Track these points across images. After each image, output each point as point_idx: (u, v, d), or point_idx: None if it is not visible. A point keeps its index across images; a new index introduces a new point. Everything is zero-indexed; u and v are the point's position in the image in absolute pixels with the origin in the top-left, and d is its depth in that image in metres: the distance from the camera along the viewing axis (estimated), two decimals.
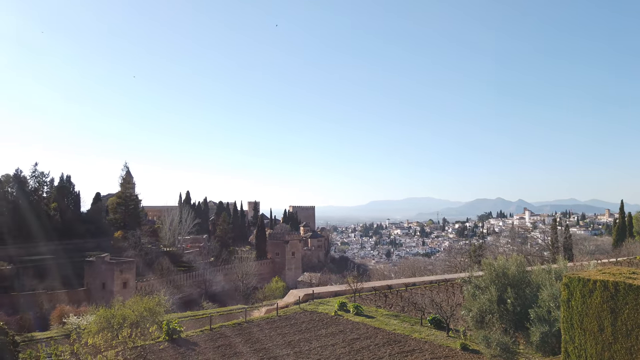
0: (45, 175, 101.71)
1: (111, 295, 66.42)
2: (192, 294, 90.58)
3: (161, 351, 26.30)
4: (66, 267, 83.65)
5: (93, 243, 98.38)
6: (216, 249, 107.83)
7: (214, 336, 30.01)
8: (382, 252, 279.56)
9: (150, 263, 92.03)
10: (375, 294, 43.21)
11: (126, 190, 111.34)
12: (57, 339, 40.65)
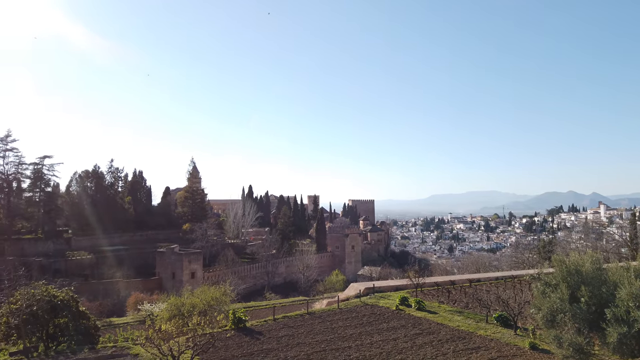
0: (120, 171, 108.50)
1: (180, 285, 69.84)
2: (256, 284, 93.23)
3: (228, 339, 27.34)
4: (139, 257, 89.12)
5: (163, 235, 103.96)
6: (277, 242, 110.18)
7: (277, 326, 30.77)
8: (444, 247, 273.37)
9: (215, 254, 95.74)
10: (437, 290, 42.39)
11: (193, 185, 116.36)
12: (132, 325, 43.43)
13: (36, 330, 28.71)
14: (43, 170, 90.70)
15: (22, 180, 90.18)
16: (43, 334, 28.66)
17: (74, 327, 29.38)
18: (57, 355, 25.08)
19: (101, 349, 26.26)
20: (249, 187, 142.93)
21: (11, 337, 29.16)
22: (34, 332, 28.79)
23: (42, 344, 27.84)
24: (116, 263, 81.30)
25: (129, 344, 27.46)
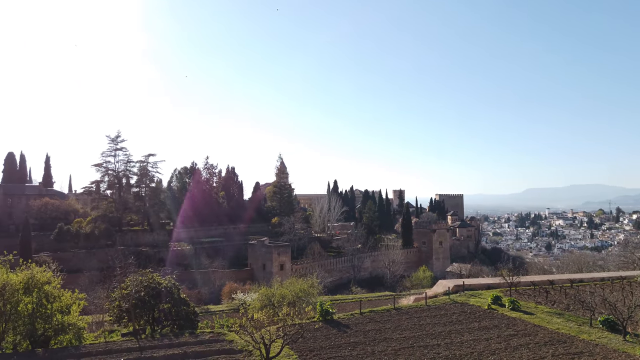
0: (214, 167, 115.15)
1: (270, 276, 72.62)
2: (342, 278, 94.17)
3: (316, 330, 27.95)
4: (233, 248, 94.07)
5: (254, 228, 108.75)
6: (363, 236, 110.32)
7: (364, 320, 30.87)
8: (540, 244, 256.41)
9: (303, 247, 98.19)
10: (534, 289, 39.91)
11: (281, 180, 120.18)
12: (227, 312, 45.97)
13: (144, 314, 31.46)
14: (148, 167, 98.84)
15: (131, 177, 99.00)
16: (150, 318, 31.32)
17: (176, 313, 31.78)
18: (162, 338, 27.26)
19: (200, 334, 28.09)
20: (334, 182, 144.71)
21: (122, 319, 32.22)
22: (142, 316, 31.56)
23: (148, 327, 30.46)
24: (212, 254, 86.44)
25: (224, 330, 29.10)
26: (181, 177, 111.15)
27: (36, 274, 27.91)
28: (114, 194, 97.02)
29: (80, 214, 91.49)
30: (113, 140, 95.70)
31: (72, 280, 45.20)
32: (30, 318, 26.86)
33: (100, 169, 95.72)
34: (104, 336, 30.38)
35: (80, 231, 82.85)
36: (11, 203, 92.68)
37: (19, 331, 26.96)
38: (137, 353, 24.34)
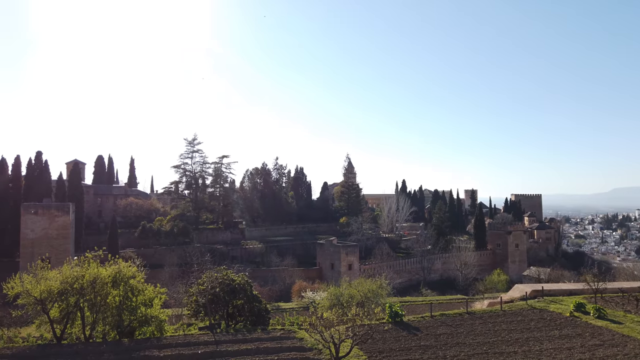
0: (284, 168, 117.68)
1: (339, 275, 72.93)
2: (411, 280, 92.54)
3: (385, 332, 27.72)
4: (301, 247, 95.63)
5: (322, 227, 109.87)
6: (433, 237, 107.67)
7: (434, 323, 30.18)
8: (630, 248, 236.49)
9: (371, 248, 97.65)
10: (622, 297, 36.92)
11: (348, 180, 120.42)
12: (297, 310, 46.80)
13: (219, 309, 32.89)
14: (222, 168, 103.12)
15: (206, 178, 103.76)
16: (224, 313, 32.70)
17: (249, 309, 32.92)
18: (235, 333, 28.31)
19: (271, 331, 28.86)
20: (402, 182, 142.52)
21: (199, 313, 33.89)
22: (217, 311, 33.01)
23: (223, 321, 31.78)
24: (282, 252, 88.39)
25: (294, 328, 29.69)
26: (252, 178, 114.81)
27: (123, 269, 30.05)
28: (191, 193, 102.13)
29: (160, 213, 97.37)
30: (190, 143, 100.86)
31: (153, 275, 48.16)
32: (118, 310, 28.95)
33: (179, 170, 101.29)
34: (183, 329, 32.08)
35: (161, 229, 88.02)
36: (100, 202, 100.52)
37: (107, 322, 29.15)
38: (213, 346, 25.47)
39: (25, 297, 28.13)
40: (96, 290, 28.65)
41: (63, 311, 28.85)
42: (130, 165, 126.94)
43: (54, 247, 63.90)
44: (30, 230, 64.01)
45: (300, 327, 28.90)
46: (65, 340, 28.51)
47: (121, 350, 25.35)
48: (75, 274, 28.86)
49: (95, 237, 78.81)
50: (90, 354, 24.78)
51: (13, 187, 75.71)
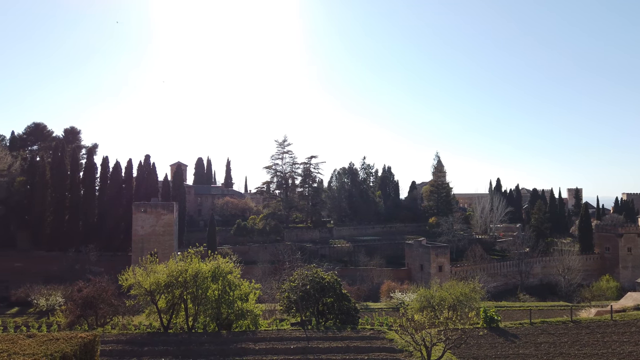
0: (371, 167, 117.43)
1: (428, 277, 71.22)
2: (507, 284, 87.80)
3: (480, 337, 26.62)
4: (389, 247, 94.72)
5: (410, 227, 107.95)
6: (531, 239, 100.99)
7: (534, 331, 28.39)
8: None
9: (462, 249, 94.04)
10: None
11: (438, 179, 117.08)
12: (386, 311, 46.54)
13: (309, 306, 33.66)
14: (310, 168, 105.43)
15: (295, 178, 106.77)
16: (315, 310, 33.40)
17: (338, 307, 33.32)
18: (326, 330, 28.83)
19: (361, 330, 28.99)
20: (496, 180, 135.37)
21: (291, 310, 34.93)
22: (308, 308, 33.81)
23: (314, 318, 32.50)
24: (370, 252, 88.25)
25: (384, 328, 29.55)
26: (340, 177, 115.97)
27: (221, 264, 31.95)
28: (282, 193, 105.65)
29: (254, 212, 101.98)
30: (280, 144, 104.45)
31: (248, 271, 50.58)
32: (217, 303, 30.83)
33: (270, 171, 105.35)
34: (275, 324, 33.31)
35: (254, 227, 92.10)
36: (200, 202, 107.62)
37: (208, 314, 31.16)
38: (305, 342, 26.17)
39: (137, 289, 30.99)
40: (198, 284, 30.75)
41: (169, 302, 31.35)
42: (227, 166, 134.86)
43: (160, 242, 69.52)
44: (140, 227, 70.24)
45: (390, 328, 28.71)
46: (171, 329, 30.95)
47: (220, 341, 26.94)
48: (179, 268, 31.22)
49: (195, 234, 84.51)
50: (193, 343, 26.64)
51: (126, 188, 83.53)
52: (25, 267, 67.75)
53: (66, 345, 13.08)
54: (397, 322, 23.73)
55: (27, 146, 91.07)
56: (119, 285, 33.72)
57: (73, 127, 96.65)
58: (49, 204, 76.91)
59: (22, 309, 53.10)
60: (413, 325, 22.48)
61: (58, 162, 78.97)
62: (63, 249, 72.14)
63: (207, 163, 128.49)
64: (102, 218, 79.48)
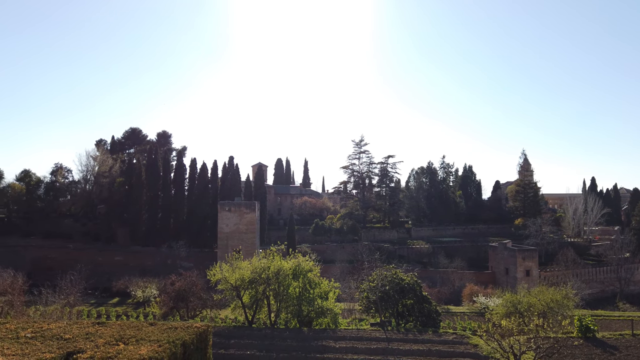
0: (450, 166, 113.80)
1: (514, 281, 67.70)
2: (604, 291, 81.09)
3: (574, 348, 24.87)
4: (471, 249, 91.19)
5: (494, 229, 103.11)
6: (632, 243, 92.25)
7: (637, 343, 25.99)
8: None
9: (552, 253, 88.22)
10: None
11: (524, 178, 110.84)
12: (468, 315, 44.90)
13: (389, 307, 33.41)
14: (388, 168, 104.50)
15: (372, 178, 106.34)
16: (394, 311, 33.10)
17: (419, 309, 32.75)
18: (406, 332, 28.47)
19: (443, 334, 28.27)
20: (590, 180, 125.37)
21: (370, 310, 34.89)
22: (387, 309, 33.57)
23: (393, 319, 32.22)
24: (450, 254, 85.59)
25: (467, 333, 28.57)
26: (418, 177, 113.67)
27: (302, 263, 32.72)
28: (359, 193, 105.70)
29: (331, 211, 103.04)
30: (357, 144, 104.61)
31: (326, 270, 51.18)
32: (298, 300, 31.63)
33: (347, 170, 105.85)
34: (355, 323, 33.46)
35: (332, 226, 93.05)
36: (280, 201, 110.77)
37: (289, 310, 32.05)
38: (385, 343, 26.03)
39: (224, 284, 32.64)
40: (279, 281, 31.75)
41: (252, 298, 32.66)
42: (304, 167, 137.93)
43: (244, 240, 72.45)
44: (225, 225, 73.71)
45: (475, 333, 27.68)
46: (255, 324, 32.21)
47: (301, 338, 27.58)
48: (262, 265, 32.43)
49: (275, 232, 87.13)
50: (276, 338, 27.52)
51: (211, 188, 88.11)
52: (124, 260, 73.88)
53: (185, 334, 14.23)
54: (483, 327, 22.80)
55: (125, 149, 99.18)
56: (207, 279, 35.73)
57: (165, 131, 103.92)
58: (144, 203, 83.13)
59: (121, 300, 57.96)
60: (499, 332, 21.46)
61: (152, 164, 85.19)
62: (157, 244, 77.70)
63: (286, 163, 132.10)
64: (191, 216, 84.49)
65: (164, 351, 12.52)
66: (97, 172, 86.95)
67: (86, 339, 13.43)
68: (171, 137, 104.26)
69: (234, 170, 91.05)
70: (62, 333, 13.95)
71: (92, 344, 12.81)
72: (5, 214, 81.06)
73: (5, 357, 11.24)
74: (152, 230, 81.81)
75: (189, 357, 13.93)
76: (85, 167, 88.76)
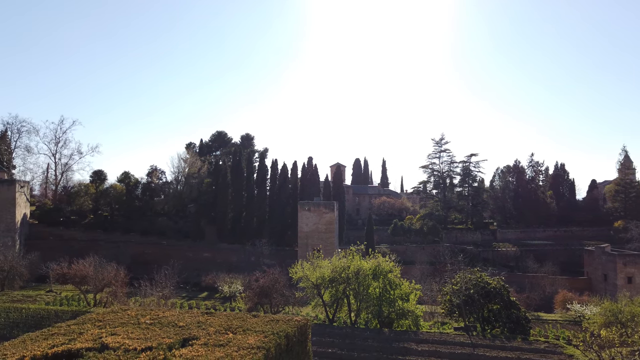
0: (540, 165, 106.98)
1: (614, 289, 62.33)
2: None
3: None
4: (563, 253, 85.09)
5: (590, 232, 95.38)
6: None
7: None
8: None
9: None
10: None
11: (625, 177, 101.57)
12: (562, 323, 42.06)
13: (473, 312, 32.24)
14: (470, 167, 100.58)
15: (454, 177, 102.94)
16: (479, 316, 31.85)
17: (506, 315, 31.23)
18: (492, 339, 27.29)
19: (533, 342, 26.75)
20: None
21: (453, 314, 33.88)
22: (471, 313, 32.40)
23: (478, 325, 31.02)
24: (539, 257, 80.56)
25: (561, 342, 26.79)
26: (504, 176, 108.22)
27: (382, 263, 32.57)
28: (439, 193, 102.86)
29: (410, 211, 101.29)
30: (437, 142, 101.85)
31: (406, 271, 50.36)
32: (378, 300, 31.51)
33: (427, 170, 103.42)
34: (437, 327, 32.66)
35: (411, 227, 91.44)
36: (358, 201, 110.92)
37: (369, 311, 32.04)
38: (469, 349, 25.17)
39: (305, 282, 33.38)
40: (359, 281, 31.86)
41: (333, 297, 33.08)
42: (382, 166, 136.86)
43: (323, 239, 73.50)
44: (305, 224, 75.27)
45: (570, 343, 25.88)
46: (335, 322, 32.59)
47: (382, 339, 27.46)
48: (342, 264, 32.74)
49: (354, 232, 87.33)
50: (356, 338, 27.66)
51: (292, 188, 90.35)
52: (212, 257, 78.05)
53: (287, 326, 15.02)
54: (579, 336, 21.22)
55: (212, 151, 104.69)
56: (289, 277, 36.73)
57: (248, 133, 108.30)
58: (229, 202, 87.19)
59: (210, 294, 61.25)
60: (598, 342, 19.87)
61: (236, 165, 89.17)
62: (241, 242, 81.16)
63: (364, 163, 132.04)
64: (272, 215, 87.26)
65: (270, 341, 13.31)
66: (187, 174, 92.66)
67: (198, 327, 14.63)
68: (254, 139, 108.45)
69: (313, 171, 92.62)
70: (177, 320, 15.34)
71: (204, 332, 13.97)
72: (109, 212, 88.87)
73: (131, 340, 12.69)
74: (236, 229, 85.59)
75: (291, 348, 14.63)
76: (176, 168, 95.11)
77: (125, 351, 12.12)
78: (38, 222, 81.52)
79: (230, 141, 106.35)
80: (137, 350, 12.21)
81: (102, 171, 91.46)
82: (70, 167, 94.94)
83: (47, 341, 13.13)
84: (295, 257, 66.19)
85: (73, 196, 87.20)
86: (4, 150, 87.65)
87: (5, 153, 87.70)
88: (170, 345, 12.69)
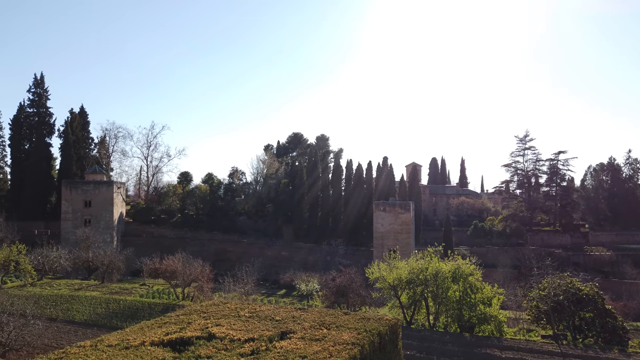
0: (638, 162, 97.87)
1: None
2: None
3: None
4: None
5: None
6: None
7: None
8: None
9: None
10: None
11: None
12: None
13: (563, 319, 30.24)
14: (558, 165, 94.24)
15: (539, 176, 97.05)
16: (570, 324, 29.82)
17: (600, 324, 28.99)
18: (585, 348, 25.48)
19: (632, 354, 24.62)
20: None
21: (540, 320, 32.00)
22: (561, 321, 30.41)
23: (569, 333, 29.05)
24: (638, 263, 73.72)
25: None
26: (597, 175, 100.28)
27: (462, 265, 31.56)
28: (523, 193, 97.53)
29: (491, 212, 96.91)
30: (521, 140, 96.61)
31: (487, 275, 48.30)
32: (458, 304, 30.56)
33: (510, 169, 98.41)
34: (522, 334, 31.07)
35: (493, 228, 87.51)
36: (435, 201, 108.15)
37: (449, 314, 31.17)
38: (559, 358, 23.71)
39: (382, 282, 33.21)
40: (438, 283, 31.10)
41: (410, 298, 32.58)
42: (461, 165, 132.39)
43: (399, 240, 72.65)
44: (380, 224, 74.83)
45: None
46: (413, 324, 32.09)
47: (463, 343, 26.64)
48: (419, 266, 32.16)
49: (431, 233, 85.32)
50: (435, 341, 27.08)
51: (367, 188, 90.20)
52: (289, 255, 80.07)
53: (378, 325, 15.46)
54: None
55: (289, 153, 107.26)
56: (364, 277, 36.74)
57: (323, 134, 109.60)
58: (305, 202, 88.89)
59: (287, 292, 62.88)
60: None
61: (312, 166, 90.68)
62: (317, 241, 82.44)
63: (441, 163, 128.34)
64: (347, 215, 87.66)
65: (364, 338, 13.74)
66: (265, 174, 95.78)
67: (293, 321, 15.48)
68: (329, 140, 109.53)
69: (388, 171, 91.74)
70: (273, 315, 16.35)
71: (299, 326, 14.80)
72: (194, 211, 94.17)
73: (234, 331, 13.97)
74: (313, 228, 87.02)
75: (384, 346, 14.95)
76: (255, 170, 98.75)
77: (231, 341, 13.30)
78: (132, 220, 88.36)
79: (306, 142, 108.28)
80: (241, 340, 13.33)
81: (188, 173, 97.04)
82: (160, 169, 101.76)
83: (162, 329, 14.64)
84: (370, 257, 66.04)
85: (163, 196, 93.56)
86: (103, 154, 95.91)
87: (104, 156, 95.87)
88: (271, 337, 13.67)
